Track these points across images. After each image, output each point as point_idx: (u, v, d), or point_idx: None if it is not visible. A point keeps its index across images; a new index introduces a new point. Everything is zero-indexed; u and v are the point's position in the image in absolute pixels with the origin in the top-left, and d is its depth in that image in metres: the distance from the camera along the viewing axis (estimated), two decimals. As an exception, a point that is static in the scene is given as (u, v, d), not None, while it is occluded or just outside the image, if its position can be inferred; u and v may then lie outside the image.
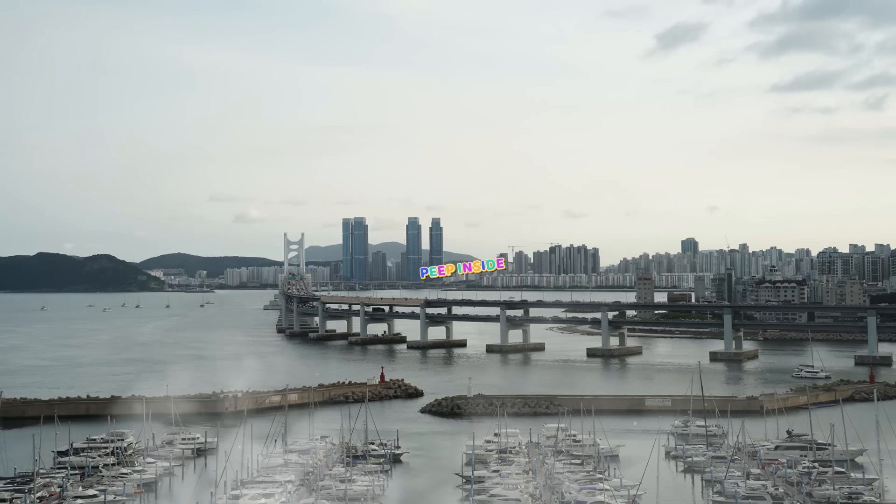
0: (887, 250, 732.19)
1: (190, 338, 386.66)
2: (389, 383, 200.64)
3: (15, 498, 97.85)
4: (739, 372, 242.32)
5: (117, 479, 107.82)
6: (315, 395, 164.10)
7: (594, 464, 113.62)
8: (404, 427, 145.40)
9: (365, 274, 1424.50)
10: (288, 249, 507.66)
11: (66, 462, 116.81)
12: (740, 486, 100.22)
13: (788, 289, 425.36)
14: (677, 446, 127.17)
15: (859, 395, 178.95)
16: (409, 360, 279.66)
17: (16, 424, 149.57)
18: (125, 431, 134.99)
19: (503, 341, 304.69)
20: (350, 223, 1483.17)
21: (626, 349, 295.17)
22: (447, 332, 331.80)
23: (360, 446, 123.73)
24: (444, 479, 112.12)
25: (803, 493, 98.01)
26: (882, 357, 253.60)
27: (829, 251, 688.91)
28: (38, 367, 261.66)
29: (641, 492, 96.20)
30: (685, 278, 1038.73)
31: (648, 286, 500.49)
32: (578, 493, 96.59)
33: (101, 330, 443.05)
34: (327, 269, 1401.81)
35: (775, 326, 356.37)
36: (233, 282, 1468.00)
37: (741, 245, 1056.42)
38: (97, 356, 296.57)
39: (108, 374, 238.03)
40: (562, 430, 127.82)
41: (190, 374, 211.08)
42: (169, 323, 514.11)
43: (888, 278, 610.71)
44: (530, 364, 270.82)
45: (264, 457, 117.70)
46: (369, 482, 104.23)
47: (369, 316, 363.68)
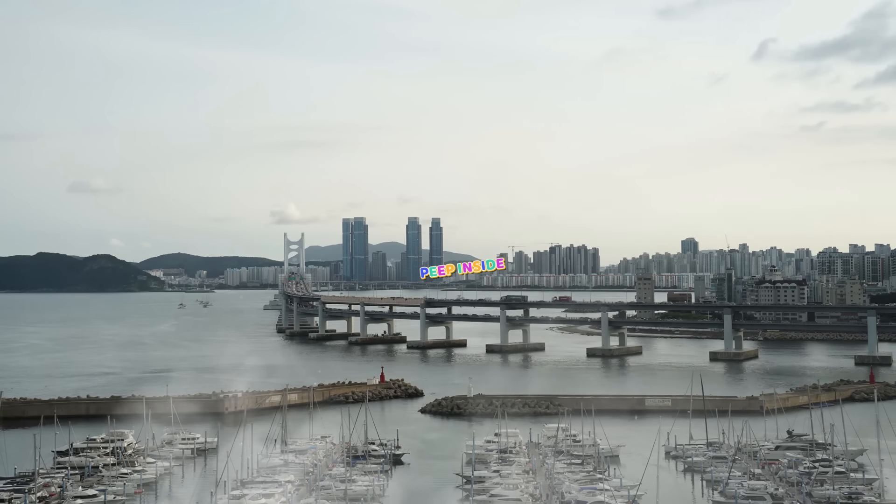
0: (887, 250, 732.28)
1: (190, 337, 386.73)
2: (389, 383, 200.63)
3: (15, 498, 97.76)
4: (739, 372, 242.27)
5: (117, 479, 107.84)
6: (315, 395, 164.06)
7: (594, 464, 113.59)
8: (404, 427, 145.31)
9: (365, 274, 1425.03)
10: (288, 249, 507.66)
11: (66, 462, 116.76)
12: (740, 487, 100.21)
13: (788, 289, 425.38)
14: (677, 446, 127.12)
15: (859, 395, 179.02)
16: (409, 360, 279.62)
17: (16, 424, 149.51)
18: (125, 431, 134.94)
19: (503, 341, 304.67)
20: (350, 223, 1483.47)
21: (626, 349, 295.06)
22: (447, 332, 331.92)
23: (360, 446, 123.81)
24: (445, 479, 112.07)
25: (803, 493, 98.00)
26: (882, 357, 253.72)
27: (829, 251, 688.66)
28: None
29: (641, 492, 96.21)
30: (685, 278, 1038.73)
31: (648, 286, 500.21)
32: (578, 493, 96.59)
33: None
34: (327, 269, 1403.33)
35: (775, 326, 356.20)
36: (233, 282, 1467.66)
37: (741, 245, 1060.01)
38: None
39: (106, 374, 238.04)
40: (562, 430, 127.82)
41: (190, 374, 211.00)
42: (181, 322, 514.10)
43: (888, 278, 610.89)
44: (530, 364, 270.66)
45: (264, 457, 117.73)
46: (369, 482, 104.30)
47: (369, 316, 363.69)
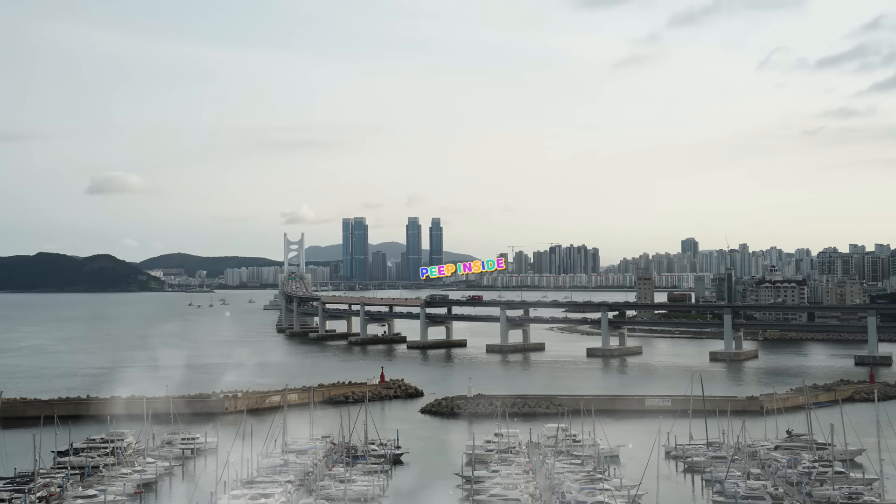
0: (887, 250, 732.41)
1: (189, 337, 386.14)
2: (389, 383, 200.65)
3: (15, 498, 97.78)
4: (739, 372, 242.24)
5: (117, 479, 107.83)
6: (315, 395, 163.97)
7: (594, 464, 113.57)
8: (404, 427, 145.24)
9: (365, 274, 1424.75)
10: (288, 249, 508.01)
11: (65, 462, 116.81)
12: (740, 486, 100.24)
13: (788, 289, 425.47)
14: (677, 446, 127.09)
15: (859, 395, 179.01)
16: (409, 360, 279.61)
17: (16, 424, 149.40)
18: (125, 431, 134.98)
19: (503, 341, 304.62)
20: (350, 223, 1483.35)
21: (626, 349, 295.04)
22: (447, 332, 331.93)
23: (360, 446, 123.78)
24: (445, 479, 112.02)
25: (803, 493, 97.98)
26: (882, 357, 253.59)
27: (829, 251, 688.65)
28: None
29: (642, 492, 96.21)
30: (685, 278, 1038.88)
31: (648, 286, 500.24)
32: (578, 494, 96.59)
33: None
34: (327, 269, 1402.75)
35: (775, 326, 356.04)
36: (233, 282, 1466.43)
37: (741, 245, 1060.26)
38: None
39: (104, 374, 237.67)
40: (562, 430, 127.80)
41: (190, 373, 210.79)
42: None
43: (888, 278, 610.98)
44: (530, 364, 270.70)
45: (264, 457, 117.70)
46: (369, 482, 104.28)
47: (369, 316, 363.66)
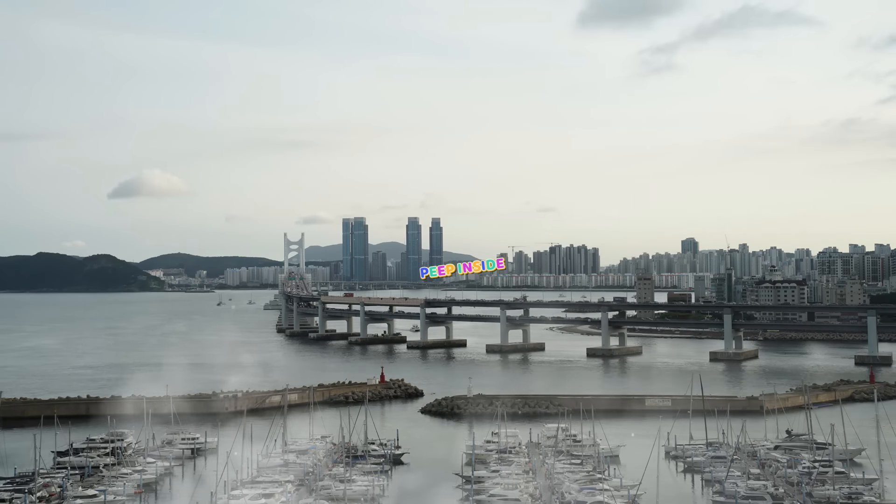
0: (887, 250, 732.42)
1: (190, 337, 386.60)
2: (389, 383, 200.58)
3: (15, 498, 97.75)
4: (739, 372, 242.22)
5: (117, 479, 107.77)
6: (315, 395, 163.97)
7: (594, 464, 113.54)
8: (404, 427, 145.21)
9: (365, 274, 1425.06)
10: (288, 249, 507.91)
11: (66, 462, 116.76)
12: (740, 486, 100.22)
13: (788, 289, 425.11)
14: (677, 446, 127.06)
15: (859, 395, 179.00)
16: (409, 360, 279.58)
17: (16, 424, 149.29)
18: (125, 431, 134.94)
19: (503, 341, 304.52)
20: (350, 223, 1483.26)
21: (626, 349, 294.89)
22: (447, 332, 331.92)
23: (360, 446, 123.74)
24: (444, 479, 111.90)
25: (803, 493, 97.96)
26: (882, 357, 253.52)
27: (829, 251, 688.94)
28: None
29: (641, 492, 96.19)
30: (685, 278, 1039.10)
31: (648, 286, 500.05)
32: (578, 494, 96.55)
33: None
34: (327, 269, 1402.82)
35: (775, 326, 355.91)
36: (233, 282, 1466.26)
37: (741, 245, 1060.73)
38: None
39: (103, 374, 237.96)
40: (562, 430, 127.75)
41: (189, 373, 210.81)
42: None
43: (888, 278, 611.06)
44: (530, 364, 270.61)
45: (264, 457, 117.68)
46: (369, 482, 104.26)
47: (369, 316, 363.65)
